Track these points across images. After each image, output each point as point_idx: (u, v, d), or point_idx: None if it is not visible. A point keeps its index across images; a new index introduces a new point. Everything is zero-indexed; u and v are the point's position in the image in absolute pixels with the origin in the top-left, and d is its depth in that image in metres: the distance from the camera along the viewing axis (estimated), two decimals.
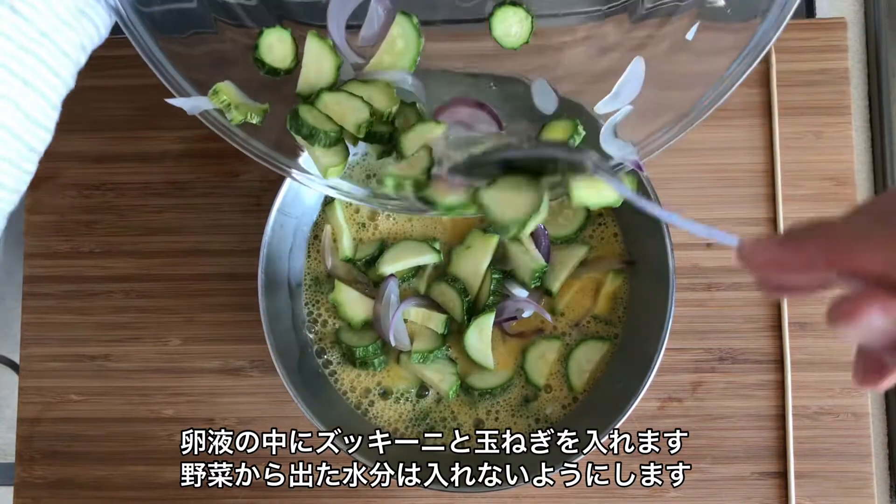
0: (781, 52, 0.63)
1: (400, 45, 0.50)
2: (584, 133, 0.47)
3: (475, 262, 0.58)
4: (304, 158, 0.48)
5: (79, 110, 0.65)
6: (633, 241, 0.59)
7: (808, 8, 0.67)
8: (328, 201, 0.60)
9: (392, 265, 0.58)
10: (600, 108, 0.46)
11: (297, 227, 0.59)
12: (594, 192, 0.41)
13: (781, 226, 0.62)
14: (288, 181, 0.54)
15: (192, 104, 0.42)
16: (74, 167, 0.64)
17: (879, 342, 0.26)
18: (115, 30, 0.45)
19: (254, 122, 0.44)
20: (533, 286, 0.58)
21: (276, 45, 0.47)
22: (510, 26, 0.50)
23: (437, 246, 0.59)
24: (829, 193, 0.62)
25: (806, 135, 0.62)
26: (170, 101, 0.42)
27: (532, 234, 0.58)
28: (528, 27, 0.50)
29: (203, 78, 0.43)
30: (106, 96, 0.65)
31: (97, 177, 0.64)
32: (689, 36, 0.43)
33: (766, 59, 0.63)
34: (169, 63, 0.41)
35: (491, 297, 0.58)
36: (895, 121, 0.63)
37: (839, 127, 0.62)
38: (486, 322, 0.57)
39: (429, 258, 0.58)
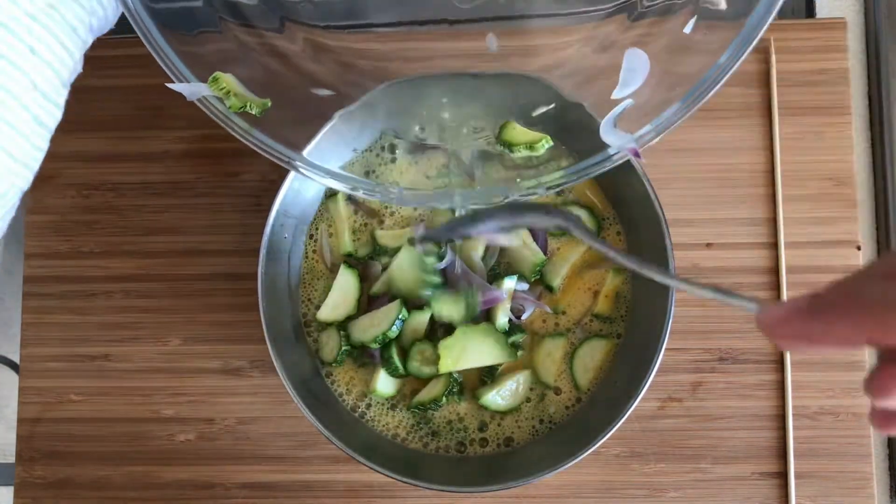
0: (781, 52, 0.63)
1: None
2: (550, 144, 0.50)
3: (470, 252, 0.58)
4: (309, 151, 0.49)
5: (79, 110, 0.65)
6: (635, 240, 0.59)
7: (808, 8, 0.67)
8: (330, 194, 0.60)
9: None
10: (615, 94, 0.47)
11: (297, 227, 0.59)
12: None
13: (781, 226, 0.62)
14: (288, 181, 0.54)
15: (191, 90, 0.42)
16: (74, 167, 0.64)
17: None
18: (116, 31, 0.45)
19: (253, 112, 0.44)
20: (533, 279, 0.58)
21: None
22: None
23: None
24: (829, 193, 0.62)
25: (806, 135, 0.62)
26: (170, 85, 0.42)
27: (529, 228, 0.58)
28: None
29: (208, 76, 0.43)
30: (106, 96, 0.65)
31: (97, 177, 0.64)
32: (687, 30, 0.44)
33: (766, 60, 0.63)
34: (171, 50, 0.41)
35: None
36: (895, 121, 0.63)
37: (839, 127, 0.62)
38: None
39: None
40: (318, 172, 0.45)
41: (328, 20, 0.50)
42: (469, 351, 0.56)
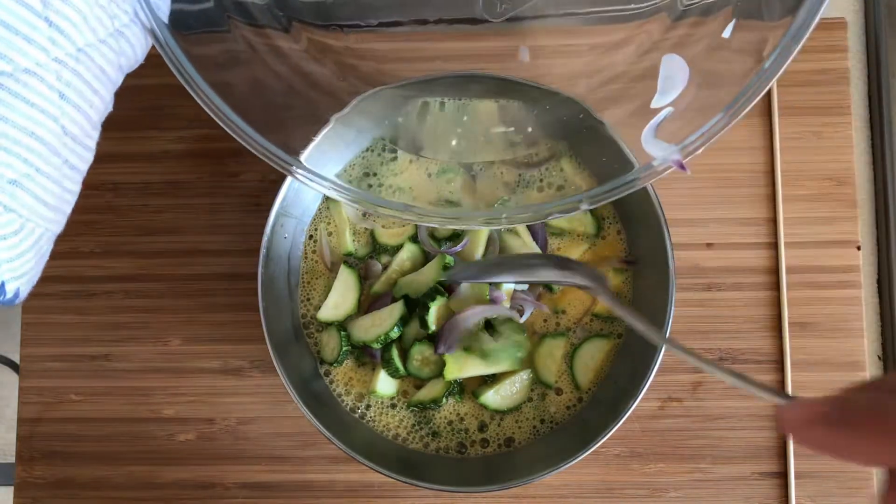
0: None
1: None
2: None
3: (469, 252, 0.58)
4: (306, 156, 0.48)
5: None
6: (635, 240, 0.59)
7: None
8: None
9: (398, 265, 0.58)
10: (654, 104, 0.45)
11: (297, 226, 0.59)
12: None
13: (781, 226, 0.62)
14: (288, 181, 0.54)
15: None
16: None
17: None
18: None
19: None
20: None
21: None
22: None
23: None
24: (829, 193, 0.62)
25: (806, 135, 0.62)
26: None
27: (529, 226, 0.58)
28: None
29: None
30: None
31: (97, 177, 0.64)
32: (727, 34, 0.42)
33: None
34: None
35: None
36: (895, 121, 0.63)
37: (839, 127, 0.62)
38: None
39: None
40: (315, 181, 0.45)
41: (334, 19, 0.50)
42: (474, 358, 0.56)
